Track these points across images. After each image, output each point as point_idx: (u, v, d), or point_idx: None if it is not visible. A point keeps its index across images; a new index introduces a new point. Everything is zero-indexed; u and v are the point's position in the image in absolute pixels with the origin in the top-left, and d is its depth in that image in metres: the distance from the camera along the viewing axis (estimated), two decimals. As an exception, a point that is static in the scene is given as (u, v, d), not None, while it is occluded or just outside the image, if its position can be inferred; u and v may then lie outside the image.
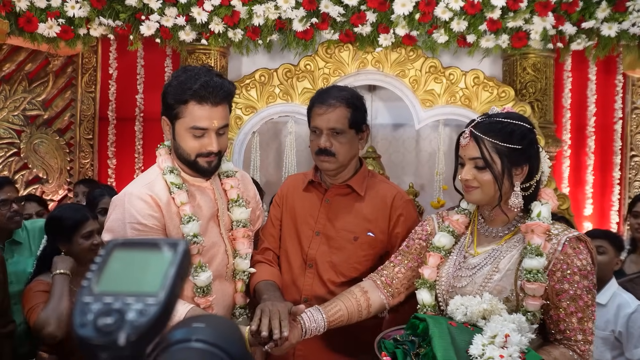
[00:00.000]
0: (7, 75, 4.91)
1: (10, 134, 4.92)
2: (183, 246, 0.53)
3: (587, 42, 4.34)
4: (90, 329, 0.47)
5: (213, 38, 4.30)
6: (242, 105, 4.40)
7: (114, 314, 0.47)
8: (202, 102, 1.91)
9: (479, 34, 4.28)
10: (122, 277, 0.51)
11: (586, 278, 1.70)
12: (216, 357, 0.60)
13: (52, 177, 4.95)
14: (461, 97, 4.39)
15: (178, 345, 0.60)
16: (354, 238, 2.20)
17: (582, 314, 1.69)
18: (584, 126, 4.93)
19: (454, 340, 1.59)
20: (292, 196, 2.31)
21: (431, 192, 4.61)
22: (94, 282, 0.50)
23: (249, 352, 0.64)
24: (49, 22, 4.23)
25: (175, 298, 0.50)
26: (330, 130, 2.15)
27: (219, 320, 0.68)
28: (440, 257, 1.90)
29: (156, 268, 0.51)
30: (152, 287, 0.49)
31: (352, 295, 1.97)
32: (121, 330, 0.47)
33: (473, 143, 1.76)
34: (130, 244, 0.55)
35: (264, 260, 2.23)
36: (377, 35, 4.29)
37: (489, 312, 1.66)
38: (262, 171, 4.65)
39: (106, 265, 0.52)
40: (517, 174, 1.76)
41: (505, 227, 1.84)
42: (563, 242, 1.72)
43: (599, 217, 4.92)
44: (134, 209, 1.93)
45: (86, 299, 0.49)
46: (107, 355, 0.47)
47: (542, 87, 4.48)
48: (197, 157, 1.98)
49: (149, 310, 0.48)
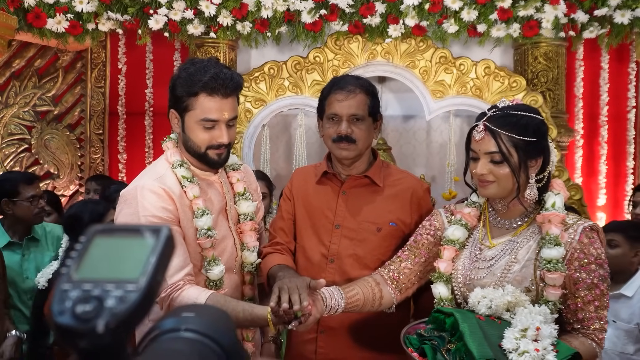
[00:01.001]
0: (17, 72, 4.92)
1: (21, 129, 4.95)
2: (166, 232, 0.52)
3: (599, 30, 4.28)
4: (68, 317, 0.46)
5: (221, 31, 4.28)
6: (252, 99, 4.39)
7: (93, 301, 0.46)
8: (213, 94, 1.91)
9: (490, 24, 4.23)
10: (102, 264, 0.50)
11: (601, 267, 1.73)
12: (206, 347, 0.59)
13: (63, 173, 4.97)
14: (472, 88, 4.36)
15: (167, 334, 0.59)
16: (377, 229, 2.15)
17: (598, 303, 1.72)
18: (597, 115, 4.87)
19: (485, 335, 1.59)
20: (304, 189, 2.26)
21: (442, 183, 4.58)
22: (73, 269, 0.49)
23: (239, 342, 0.63)
24: (58, 18, 4.23)
25: (157, 285, 0.49)
26: (351, 117, 2.12)
27: (210, 310, 0.67)
28: (455, 250, 1.90)
29: (137, 254, 0.50)
30: (132, 274, 0.48)
31: (368, 283, 1.97)
32: (100, 318, 0.46)
33: (489, 137, 1.75)
34: (112, 231, 0.53)
35: (275, 250, 2.19)
36: (386, 26, 4.26)
37: (513, 305, 1.66)
38: (272, 164, 4.64)
39: (86, 252, 0.51)
40: (532, 166, 1.78)
41: (519, 218, 1.85)
42: (579, 232, 1.74)
43: (612, 207, 4.88)
44: (148, 202, 1.91)
45: (65, 286, 0.48)
46: (85, 343, 0.46)
47: (554, 76, 4.43)
48: (208, 149, 1.97)
49: (128, 297, 0.47)
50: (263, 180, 3.60)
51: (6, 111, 4.93)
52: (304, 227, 2.23)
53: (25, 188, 3.07)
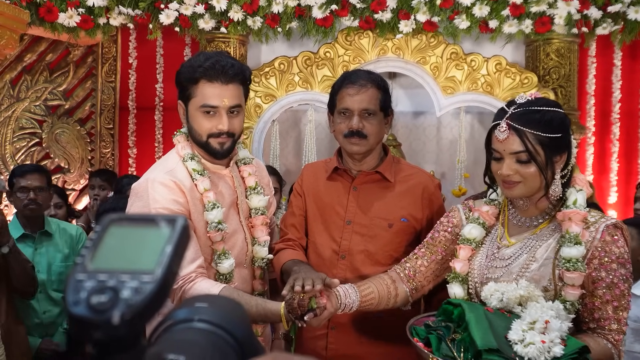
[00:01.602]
0: (29, 66, 4.95)
1: (32, 124, 4.97)
2: (181, 222, 0.51)
3: (612, 26, 4.24)
4: (83, 307, 0.45)
5: (232, 26, 4.28)
6: (262, 94, 4.38)
7: (108, 292, 0.45)
8: (212, 80, 1.91)
9: (502, 19, 4.21)
10: (118, 254, 0.49)
11: (623, 266, 1.66)
12: (219, 338, 0.58)
13: (73, 167, 4.99)
14: (483, 84, 4.34)
15: (180, 325, 0.59)
16: (389, 225, 2.14)
17: (617, 303, 1.66)
18: (609, 113, 4.83)
19: (491, 325, 1.56)
20: (315, 185, 2.25)
21: (452, 180, 4.56)
22: (87, 259, 0.48)
23: (253, 333, 0.62)
24: (69, 12, 4.25)
25: (172, 276, 0.48)
26: (362, 111, 2.11)
27: (223, 301, 0.66)
28: (472, 249, 1.85)
29: (153, 245, 0.49)
30: (148, 265, 0.47)
31: (383, 280, 1.93)
32: (115, 309, 0.45)
33: (514, 136, 1.67)
34: (127, 220, 0.52)
35: (287, 246, 2.18)
36: (397, 21, 4.24)
37: (525, 299, 1.63)
38: (282, 160, 4.64)
39: (101, 241, 0.50)
40: (557, 161, 1.71)
41: (540, 216, 1.79)
42: (601, 230, 1.68)
43: (623, 205, 4.84)
44: (159, 195, 1.91)
45: (79, 276, 0.47)
46: (100, 334, 0.45)
47: (566, 73, 4.40)
48: (209, 137, 1.96)
49: (144, 288, 0.46)
50: (273, 176, 3.59)
51: (17, 105, 4.96)
52: (315, 223, 2.21)
53: (17, 179, 3.09)
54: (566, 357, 1.48)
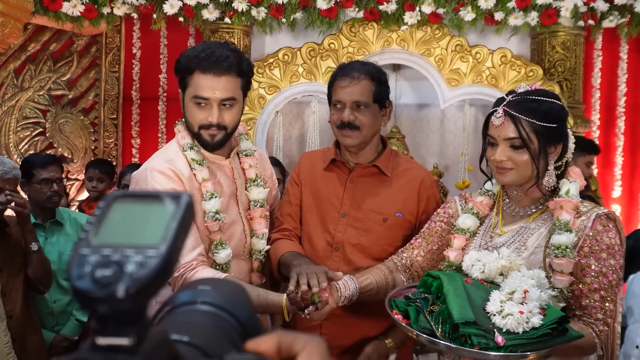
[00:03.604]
0: (33, 55, 4.94)
1: (35, 113, 4.97)
2: (186, 199, 0.50)
3: (619, 19, 4.22)
4: (87, 281, 0.44)
5: (236, 16, 4.27)
6: (265, 85, 4.37)
7: (113, 266, 0.45)
8: (206, 71, 1.91)
9: (507, 12, 4.19)
10: (122, 229, 0.48)
11: (613, 257, 1.68)
12: (222, 320, 0.58)
13: (77, 157, 4.99)
14: (488, 77, 4.32)
15: (183, 307, 0.59)
16: (383, 219, 2.13)
17: (605, 293, 1.67)
18: (614, 106, 4.81)
19: (469, 298, 1.57)
20: (312, 175, 2.24)
21: (456, 173, 4.55)
22: (91, 234, 0.48)
23: (256, 316, 0.62)
24: (73, 1, 4.24)
25: (177, 251, 0.48)
26: (354, 104, 2.09)
27: (226, 284, 0.66)
28: (466, 239, 1.88)
29: (157, 220, 0.48)
30: (152, 240, 0.47)
31: (381, 271, 1.96)
32: (120, 283, 0.44)
33: (509, 122, 1.71)
34: (131, 196, 0.52)
35: (283, 236, 2.17)
36: (402, 13, 4.22)
37: (507, 269, 1.63)
38: (285, 151, 4.63)
39: (105, 217, 0.49)
40: (551, 152, 1.74)
41: (533, 206, 1.82)
42: (593, 219, 1.71)
43: (627, 199, 4.83)
44: (157, 183, 1.92)
45: (83, 250, 0.46)
46: (105, 308, 0.44)
47: (572, 66, 4.38)
48: (200, 129, 1.96)
49: (149, 262, 0.45)
50: (277, 167, 3.59)
51: (21, 95, 4.96)
52: (310, 213, 2.20)
53: (38, 171, 3.08)
54: (545, 327, 1.48)
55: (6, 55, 4.88)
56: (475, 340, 1.49)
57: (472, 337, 1.49)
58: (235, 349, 0.56)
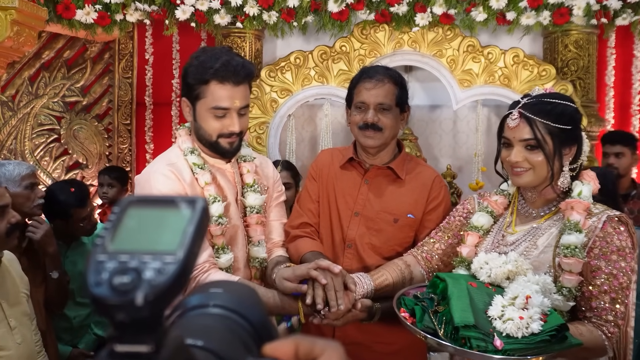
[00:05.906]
0: (47, 63, 4.99)
1: (50, 120, 5.02)
2: (201, 204, 0.50)
3: (632, 16, 4.17)
4: (105, 288, 0.44)
5: (248, 21, 4.28)
6: (278, 88, 4.38)
7: (131, 273, 0.45)
8: (224, 81, 1.91)
9: (519, 11, 4.16)
10: (138, 235, 0.48)
11: (624, 259, 1.68)
12: (234, 323, 0.58)
13: (91, 163, 5.03)
14: (500, 77, 4.29)
15: (195, 310, 0.59)
16: (394, 220, 2.18)
17: (615, 295, 1.67)
18: (628, 105, 4.77)
19: (472, 301, 1.60)
20: (328, 171, 2.29)
21: (469, 174, 4.53)
22: (108, 240, 0.47)
23: (268, 318, 0.62)
24: (86, 9, 4.28)
25: (194, 257, 0.47)
26: (378, 106, 2.15)
27: (238, 286, 0.66)
28: (479, 236, 1.92)
29: (174, 226, 0.48)
30: (170, 246, 0.47)
31: (397, 266, 2.01)
32: (138, 290, 0.44)
33: (524, 124, 1.75)
34: (146, 201, 0.51)
35: (305, 234, 2.19)
36: (413, 14, 4.21)
37: (514, 273, 1.66)
38: (298, 154, 4.63)
39: (121, 222, 0.49)
40: (566, 154, 1.78)
41: (547, 207, 1.85)
42: (603, 220, 1.72)
43: (643, 198, 4.77)
44: (160, 185, 1.94)
45: (100, 257, 0.46)
46: (123, 315, 0.44)
47: (585, 64, 4.34)
48: (219, 137, 1.98)
49: (167, 269, 0.45)
50: (289, 170, 3.59)
51: (36, 102, 5.01)
52: (324, 209, 2.26)
53: (77, 211, 3.05)
54: (544, 334, 1.49)
55: (21, 63, 4.94)
56: (474, 343, 1.52)
57: (471, 340, 1.53)
58: (249, 352, 0.56)
